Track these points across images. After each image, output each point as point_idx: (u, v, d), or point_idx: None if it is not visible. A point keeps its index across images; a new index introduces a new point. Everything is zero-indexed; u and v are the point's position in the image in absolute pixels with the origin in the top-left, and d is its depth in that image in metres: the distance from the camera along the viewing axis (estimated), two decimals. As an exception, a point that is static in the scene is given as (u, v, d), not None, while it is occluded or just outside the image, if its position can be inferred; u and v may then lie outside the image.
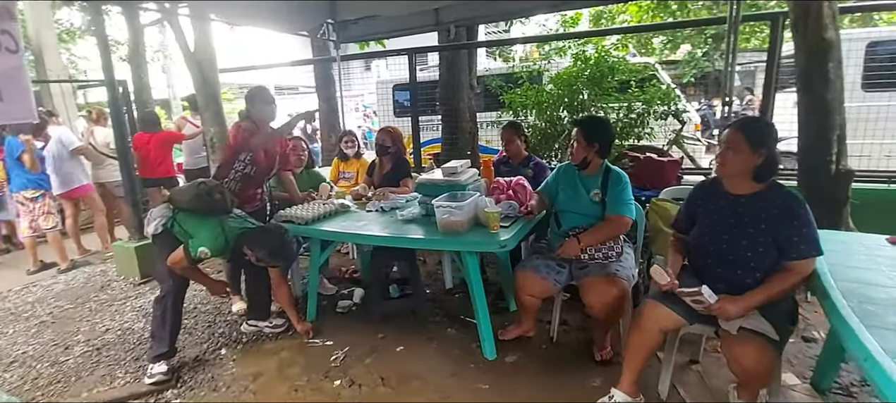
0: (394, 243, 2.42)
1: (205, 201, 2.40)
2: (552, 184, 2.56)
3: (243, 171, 2.81)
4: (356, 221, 2.72)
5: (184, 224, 2.42)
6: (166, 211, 2.52)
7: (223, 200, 2.44)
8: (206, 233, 2.32)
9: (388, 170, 3.41)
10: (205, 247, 2.27)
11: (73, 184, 4.50)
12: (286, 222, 2.73)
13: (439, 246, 2.37)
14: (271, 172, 2.94)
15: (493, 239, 2.23)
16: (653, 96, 3.96)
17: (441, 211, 2.30)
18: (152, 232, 2.51)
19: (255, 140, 2.72)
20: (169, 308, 2.45)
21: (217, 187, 2.48)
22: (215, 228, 2.34)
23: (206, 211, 2.41)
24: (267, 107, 2.79)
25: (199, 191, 2.42)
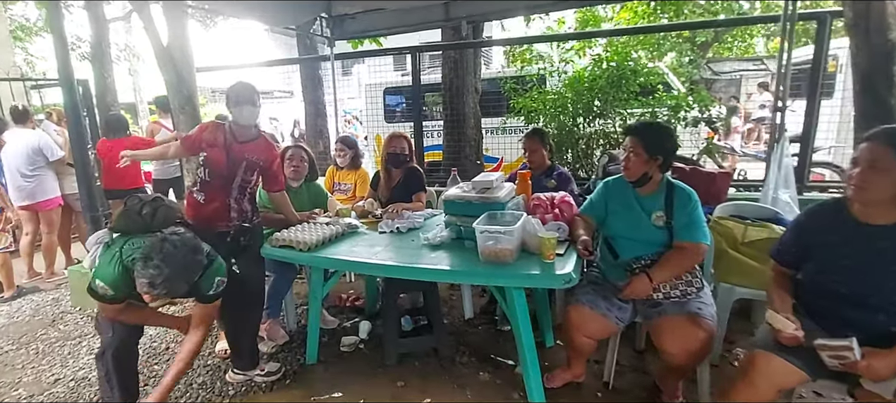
0: (424, 276, 1.98)
1: (130, 219, 1.90)
2: (598, 203, 2.17)
3: (202, 177, 2.33)
4: (369, 246, 2.26)
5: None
6: (104, 237, 2.00)
7: (151, 216, 1.91)
8: (103, 260, 1.81)
9: (398, 183, 2.96)
10: (100, 280, 1.77)
11: (47, 194, 3.91)
12: (283, 248, 2.25)
13: (483, 279, 1.93)
14: (234, 182, 2.39)
15: (552, 272, 1.81)
16: (682, 101, 3.65)
17: (484, 236, 1.87)
18: (89, 266, 1.99)
19: (205, 135, 2.30)
20: (112, 368, 1.93)
21: (153, 200, 1.98)
22: (112, 252, 1.80)
23: (132, 230, 1.90)
24: (245, 109, 2.30)
25: (127, 207, 1.94)
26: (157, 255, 1.63)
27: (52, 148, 3.93)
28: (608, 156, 3.04)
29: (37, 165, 3.85)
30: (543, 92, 4.23)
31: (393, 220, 2.53)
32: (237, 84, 2.30)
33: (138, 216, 1.91)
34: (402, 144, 2.89)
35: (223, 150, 2.31)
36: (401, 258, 2.05)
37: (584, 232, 2.07)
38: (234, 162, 2.31)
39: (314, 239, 2.21)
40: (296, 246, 2.20)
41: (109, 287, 1.77)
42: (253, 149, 2.38)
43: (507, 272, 1.85)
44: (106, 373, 1.94)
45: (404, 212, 2.62)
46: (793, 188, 2.81)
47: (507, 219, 2.07)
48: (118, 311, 1.87)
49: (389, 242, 2.30)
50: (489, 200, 2.15)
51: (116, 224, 1.95)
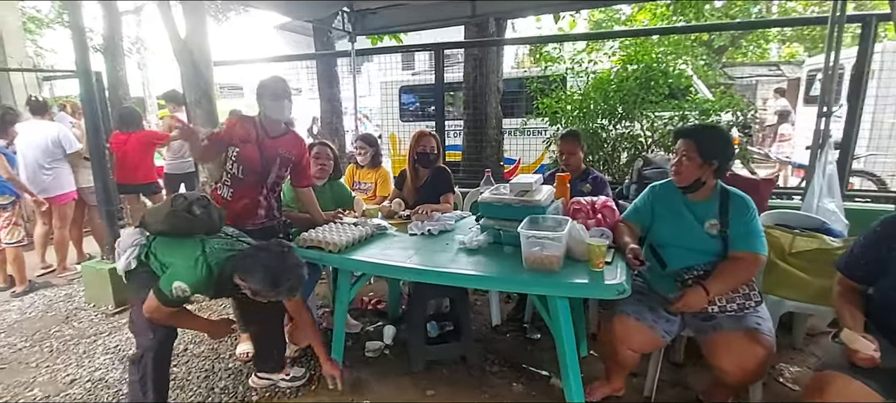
0: (465, 282, 1.87)
1: (182, 219, 1.84)
2: (643, 209, 2.07)
3: (232, 173, 2.25)
4: (401, 249, 2.16)
5: (159, 253, 1.85)
6: (138, 238, 1.93)
7: (207, 215, 1.88)
8: (183, 262, 1.74)
9: (425, 183, 2.86)
10: (180, 282, 1.69)
11: (63, 188, 3.84)
12: (311, 248, 2.15)
13: (527, 287, 1.83)
14: (269, 178, 2.33)
15: (601, 282, 1.70)
16: (717, 104, 3.53)
17: (529, 242, 1.77)
18: (123, 269, 1.91)
19: (237, 131, 2.23)
20: (149, 372, 1.86)
21: (200, 199, 1.91)
22: (194, 255, 1.74)
23: (186, 231, 1.85)
24: (283, 103, 2.24)
25: (175, 206, 1.86)
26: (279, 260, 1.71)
27: (70, 140, 3.87)
28: (643, 160, 2.94)
29: (55, 158, 3.79)
30: (570, 93, 4.12)
31: (423, 222, 2.43)
32: (272, 78, 2.23)
33: (191, 216, 1.84)
34: (431, 143, 2.79)
35: (256, 146, 2.25)
36: (437, 262, 1.95)
37: (630, 239, 1.97)
38: (268, 158, 2.25)
39: (344, 240, 2.11)
40: (325, 247, 2.10)
41: (191, 289, 1.71)
42: (285, 143, 2.31)
43: (552, 280, 1.74)
44: (141, 377, 1.87)
45: (434, 214, 2.53)
46: (838, 196, 2.70)
47: (549, 224, 1.97)
48: (168, 315, 1.79)
49: (422, 245, 2.20)
50: (530, 204, 2.04)
51: (161, 224, 1.85)
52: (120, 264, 1.91)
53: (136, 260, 1.89)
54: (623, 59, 3.88)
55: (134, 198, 4.65)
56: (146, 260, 1.88)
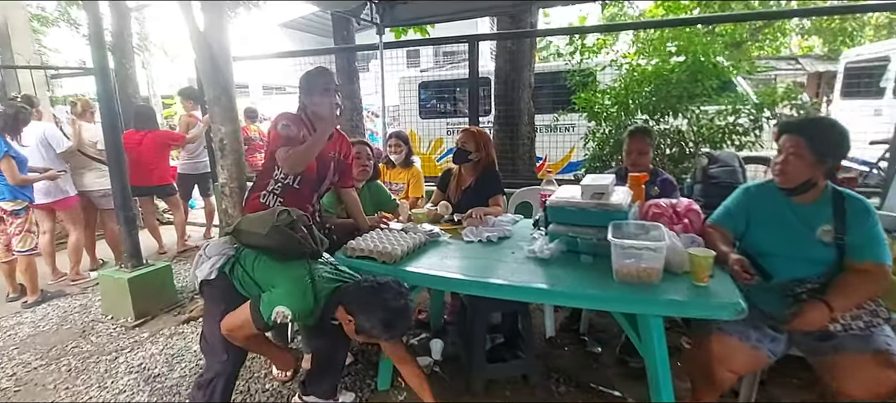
0: (548, 299, 1.66)
1: (287, 237, 1.63)
2: (737, 213, 1.84)
3: (284, 181, 2.02)
4: (461, 258, 1.94)
5: (252, 269, 1.66)
6: (228, 248, 1.74)
7: (309, 238, 1.68)
8: (289, 286, 1.54)
9: (471, 184, 2.64)
10: (284, 307, 1.49)
11: (58, 194, 3.57)
12: (362, 259, 1.93)
13: (623, 305, 1.59)
14: (323, 185, 2.14)
15: (709, 299, 1.48)
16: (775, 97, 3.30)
17: (622, 253, 1.55)
18: (204, 278, 1.69)
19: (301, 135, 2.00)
20: (217, 398, 1.67)
21: (301, 217, 1.72)
22: (302, 279, 1.56)
23: (287, 252, 1.65)
24: (328, 99, 2.02)
25: (279, 221, 1.66)
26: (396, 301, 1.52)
27: (58, 138, 3.59)
28: (707, 157, 2.70)
29: (47, 159, 3.53)
30: (611, 87, 3.89)
31: (478, 228, 2.21)
32: (318, 70, 2.01)
33: (297, 237, 1.64)
34: (465, 139, 2.56)
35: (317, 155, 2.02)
36: (509, 275, 1.72)
37: (727, 247, 1.74)
38: (324, 161, 2.06)
39: (399, 250, 1.89)
40: (379, 257, 1.88)
41: (295, 316, 1.53)
42: (335, 144, 2.10)
43: (651, 297, 1.52)
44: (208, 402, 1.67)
45: (488, 219, 2.30)
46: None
47: (632, 230, 1.75)
48: (250, 337, 1.61)
49: (484, 254, 1.97)
50: (609, 208, 1.82)
51: (264, 238, 1.65)
52: (201, 270, 1.70)
53: (217, 270, 1.69)
54: (671, 51, 3.65)
55: (148, 201, 4.44)
56: (228, 273, 1.69)
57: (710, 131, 3.63)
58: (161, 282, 3.12)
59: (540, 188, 2.23)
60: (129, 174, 4.01)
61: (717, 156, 2.69)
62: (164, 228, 4.95)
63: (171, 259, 4.35)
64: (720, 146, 3.57)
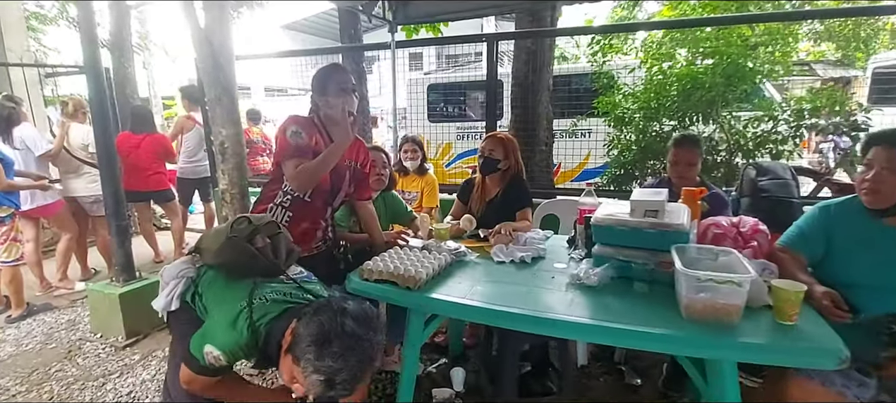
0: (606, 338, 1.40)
1: (239, 250, 1.36)
2: (813, 235, 1.61)
3: (293, 194, 1.79)
4: (493, 282, 1.70)
5: (205, 295, 1.40)
6: (187, 269, 1.48)
7: (272, 249, 1.40)
8: (219, 317, 1.27)
9: (497, 196, 2.40)
10: (213, 346, 1.20)
11: (40, 199, 3.33)
12: (379, 282, 1.69)
13: (696, 349, 1.33)
14: (337, 198, 1.91)
15: (802, 342, 1.24)
16: (818, 100, 3.06)
17: (694, 285, 1.30)
18: (163, 309, 1.45)
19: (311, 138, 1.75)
20: None
21: (269, 225, 1.46)
22: (235, 304, 1.25)
23: (241, 270, 1.37)
24: (346, 100, 1.78)
25: (234, 231, 1.40)
26: (337, 340, 1.05)
27: (34, 140, 3.35)
28: (755, 168, 2.46)
29: (28, 163, 3.30)
30: (635, 90, 3.66)
31: (508, 246, 1.97)
32: (332, 67, 1.78)
33: (252, 249, 1.37)
34: (492, 146, 2.33)
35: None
36: (556, 307, 1.48)
37: (806, 275, 1.50)
38: (339, 171, 1.81)
39: (424, 272, 1.65)
40: (400, 282, 1.64)
41: (227, 356, 1.21)
42: (351, 151, 1.86)
43: (729, 340, 1.27)
44: None
45: (518, 235, 2.06)
46: None
47: (694, 255, 1.51)
48: (210, 386, 1.29)
49: (519, 279, 1.73)
50: (668, 228, 1.58)
51: (214, 254, 1.39)
52: (159, 302, 1.46)
53: (179, 300, 1.44)
54: (702, 52, 3.42)
55: (144, 206, 4.21)
56: (191, 302, 1.44)
57: (744, 138, 3.40)
58: (154, 298, 2.87)
59: (579, 201, 1.99)
60: (124, 178, 3.80)
61: (767, 167, 2.45)
62: (161, 235, 4.71)
63: (167, 268, 4.11)
64: (753, 155, 3.34)
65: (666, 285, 1.56)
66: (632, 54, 4.24)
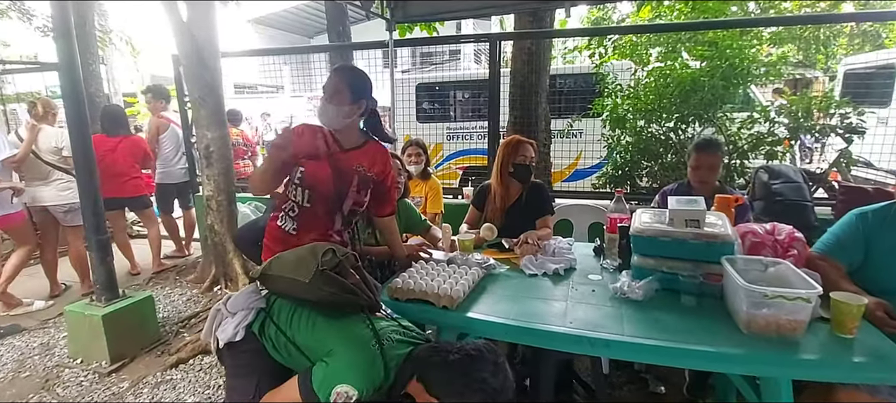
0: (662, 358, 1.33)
1: (336, 286, 1.26)
2: (851, 243, 1.61)
3: (295, 200, 1.67)
4: (531, 298, 1.62)
5: (291, 328, 1.28)
6: (255, 301, 1.34)
7: (363, 286, 1.31)
8: (352, 355, 1.16)
9: (516, 202, 2.32)
10: (346, 385, 1.11)
11: (4, 208, 3.04)
12: (412, 301, 1.58)
13: (759, 368, 1.29)
14: (344, 204, 1.75)
15: (869, 356, 1.21)
16: (808, 104, 3.13)
17: (756, 301, 1.26)
18: (228, 338, 1.29)
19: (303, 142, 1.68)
20: None
21: (347, 257, 1.35)
22: (367, 345, 1.18)
23: (339, 306, 1.27)
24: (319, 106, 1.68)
25: (324, 264, 1.27)
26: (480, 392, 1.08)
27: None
28: (767, 172, 2.48)
29: None
30: (633, 92, 3.66)
31: (537, 257, 1.89)
32: (349, 68, 1.65)
33: (351, 286, 1.27)
34: (529, 152, 2.25)
35: (327, 161, 1.65)
36: (604, 324, 1.40)
37: (851, 285, 1.49)
38: (342, 177, 1.66)
39: (461, 290, 1.55)
40: (436, 301, 1.53)
41: (364, 392, 1.13)
42: (363, 157, 1.73)
43: (793, 356, 1.23)
44: None
45: (546, 245, 1.99)
46: None
47: (742, 266, 1.47)
48: None
49: (557, 293, 1.65)
50: (714, 239, 1.53)
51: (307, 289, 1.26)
52: (224, 331, 1.29)
53: (245, 330, 1.29)
54: (701, 53, 3.45)
55: (119, 215, 3.91)
56: (258, 333, 1.30)
57: (740, 140, 3.45)
58: (141, 317, 2.66)
59: (610, 209, 1.93)
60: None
61: (779, 171, 2.47)
62: (136, 243, 4.40)
63: (145, 281, 3.84)
64: (748, 156, 3.40)
65: (713, 297, 1.52)
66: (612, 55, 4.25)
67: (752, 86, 4.60)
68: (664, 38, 5.44)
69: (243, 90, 17.33)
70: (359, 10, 3.14)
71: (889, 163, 3.09)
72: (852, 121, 2.95)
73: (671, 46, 4.75)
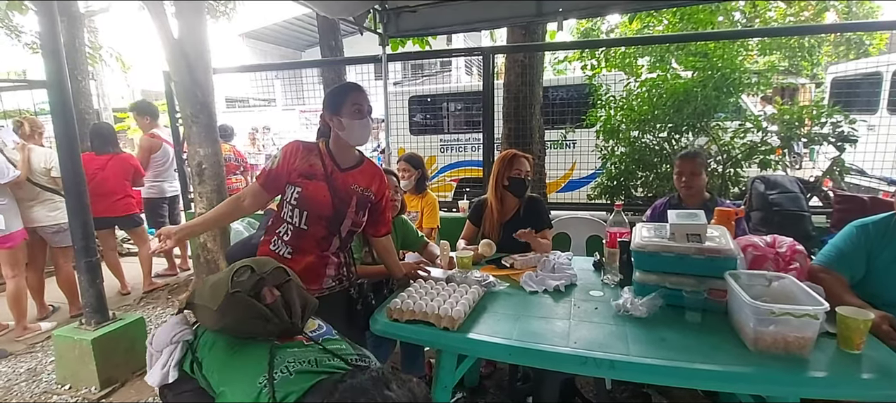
0: (668, 379, 1.31)
1: (247, 308, 1.15)
2: (853, 255, 1.61)
3: (291, 222, 1.63)
4: (532, 316, 1.59)
5: (206, 364, 1.18)
6: (183, 331, 1.26)
7: (278, 310, 1.18)
8: (234, 389, 1.06)
9: (513, 216, 2.30)
10: None
11: (7, 228, 2.98)
12: (412, 323, 1.55)
13: (767, 387, 1.27)
14: (342, 225, 1.72)
15: (880, 373, 1.20)
16: (801, 113, 3.16)
17: (763, 318, 1.24)
18: (157, 382, 1.23)
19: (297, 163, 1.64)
20: None
21: (275, 273, 1.26)
22: (253, 378, 1.04)
23: (251, 331, 1.17)
24: (361, 121, 1.63)
25: (236, 285, 1.17)
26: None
27: (0, 167, 2.98)
28: (763, 182, 2.49)
29: None
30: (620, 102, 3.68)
31: (538, 273, 1.87)
32: (349, 86, 1.63)
33: (262, 309, 1.15)
34: (524, 166, 2.24)
35: (325, 182, 1.62)
36: (610, 343, 1.38)
37: (855, 298, 1.48)
38: (341, 197, 1.63)
39: (462, 310, 1.52)
40: (437, 322, 1.50)
41: None
42: (360, 177, 1.70)
43: (802, 376, 1.21)
44: None
45: (545, 260, 1.97)
46: None
47: (745, 281, 1.46)
48: None
49: (559, 310, 1.63)
50: (718, 254, 1.52)
51: (216, 315, 1.15)
52: (153, 376, 1.21)
53: (178, 369, 1.22)
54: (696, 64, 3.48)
55: (109, 234, 3.84)
56: (190, 372, 1.21)
57: (734, 149, 3.47)
58: (132, 340, 2.59)
59: (609, 223, 1.92)
60: (87, 203, 3.44)
61: (775, 181, 2.48)
62: (125, 262, 4.32)
63: (136, 301, 3.76)
64: (741, 166, 3.42)
65: (715, 313, 1.50)
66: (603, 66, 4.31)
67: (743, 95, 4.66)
68: (652, 49, 5.54)
69: (235, 104, 17.24)
70: (351, 24, 3.12)
71: (882, 170, 3.12)
72: (844, 130, 2.98)
73: (660, 56, 4.80)
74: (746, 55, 5.26)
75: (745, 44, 5.02)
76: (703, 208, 2.13)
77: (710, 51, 3.55)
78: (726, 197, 3.10)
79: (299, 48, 19.66)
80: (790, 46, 12.87)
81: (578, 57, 4.12)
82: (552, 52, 7.79)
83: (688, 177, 2.23)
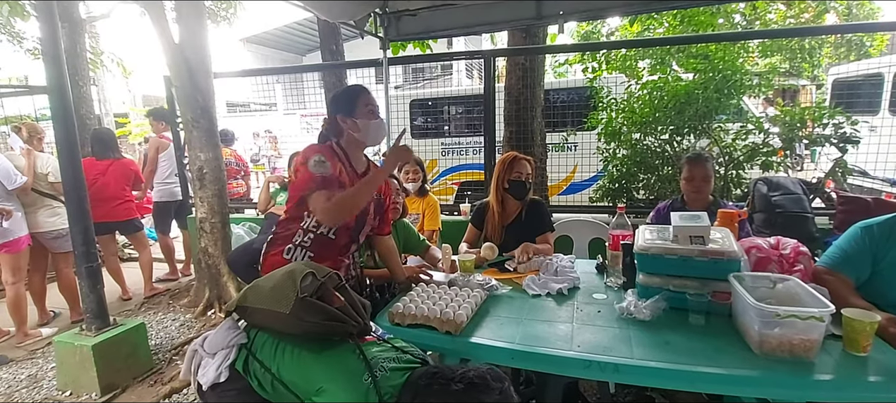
0: (673, 382, 1.30)
1: (319, 313, 1.17)
2: (858, 257, 1.59)
3: (317, 231, 1.61)
4: (535, 320, 1.58)
5: (275, 363, 1.19)
6: (235, 337, 1.25)
7: (349, 309, 1.22)
8: (340, 388, 1.08)
9: (517, 219, 2.29)
10: None
11: (13, 234, 2.98)
12: (414, 327, 1.54)
13: (773, 391, 1.27)
14: (362, 232, 1.73)
15: (887, 375, 1.18)
16: (802, 115, 3.15)
17: (768, 320, 1.23)
18: (211, 381, 1.22)
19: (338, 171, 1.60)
20: None
21: (329, 277, 1.27)
22: (358, 376, 1.09)
23: (324, 334, 1.19)
24: (376, 123, 1.64)
25: (304, 291, 1.19)
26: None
27: (8, 172, 2.98)
28: (765, 184, 2.47)
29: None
30: (629, 105, 3.67)
31: (540, 276, 1.86)
32: (359, 88, 1.63)
33: (336, 312, 1.18)
34: (526, 169, 2.24)
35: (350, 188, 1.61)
36: (614, 347, 1.37)
37: (861, 301, 1.47)
38: (364, 207, 1.62)
39: (465, 314, 1.51)
40: (440, 326, 1.49)
41: None
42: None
43: (809, 379, 1.20)
44: None
45: (548, 263, 1.96)
46: None
47: (750, 283, 1.45)
48: None
49: (562, 314, 1.62)
50: (721, 256, 1.51)
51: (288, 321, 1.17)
52: (206, 375, 1.21)
53: (229, 370, 1.22)
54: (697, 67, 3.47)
55: (109, 239, 3.83)
56: (242, 370, 1.22)
57: (736, 151, 3.46)
58: (133, 346, 2.58)
59: (612, 226, 1.91)
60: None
61: (777, 182, 2.47)
62: (126, 266, 4.32)
63: (137, 306, 3.76)
64: (743, 167, 3.41)
65: (721, 316, 1.49)
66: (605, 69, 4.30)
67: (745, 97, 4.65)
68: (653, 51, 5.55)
69: (236, 108, 17.27)
70: (352, 28, 3.12)
71: (884, 172, 3.11)
72: (846, 131, 2.97)
73: (660, 59, 4.79)
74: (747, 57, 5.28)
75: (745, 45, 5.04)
76: (706, 210, 2.13)
77: (710, 53, 3.55)
78: (729, 198, 3.09)
79: (300, 52, 19.71)
80: (791, 48, 12.90)
81: (579, 59, 4.11)
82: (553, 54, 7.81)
83: (699, 182, 2.20)
